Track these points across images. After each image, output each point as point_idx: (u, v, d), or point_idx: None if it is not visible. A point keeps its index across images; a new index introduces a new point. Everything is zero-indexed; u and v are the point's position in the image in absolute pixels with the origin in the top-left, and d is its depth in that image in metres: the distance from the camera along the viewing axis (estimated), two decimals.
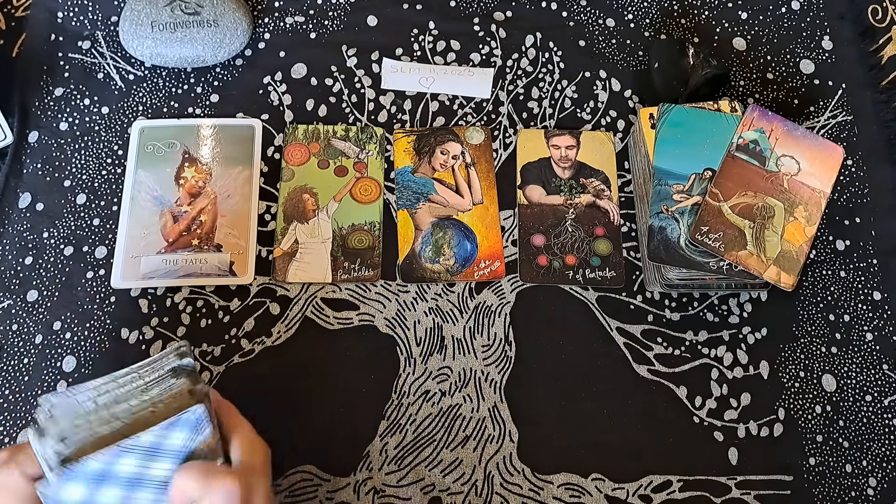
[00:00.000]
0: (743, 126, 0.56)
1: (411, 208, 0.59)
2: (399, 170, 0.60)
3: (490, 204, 0.60)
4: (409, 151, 0.61)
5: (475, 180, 0.60)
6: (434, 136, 0.61)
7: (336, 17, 0.66)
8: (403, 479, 0.52)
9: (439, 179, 0.60)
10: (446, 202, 0.60)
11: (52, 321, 0.56)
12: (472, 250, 0.58)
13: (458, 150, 0.61)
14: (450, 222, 0.59)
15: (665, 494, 0.52)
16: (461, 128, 0.62)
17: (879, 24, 0.67)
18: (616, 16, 0.67)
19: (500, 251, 0.58)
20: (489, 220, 0.59)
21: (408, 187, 0.60)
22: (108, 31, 0.65)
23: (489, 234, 0.59)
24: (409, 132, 0.61)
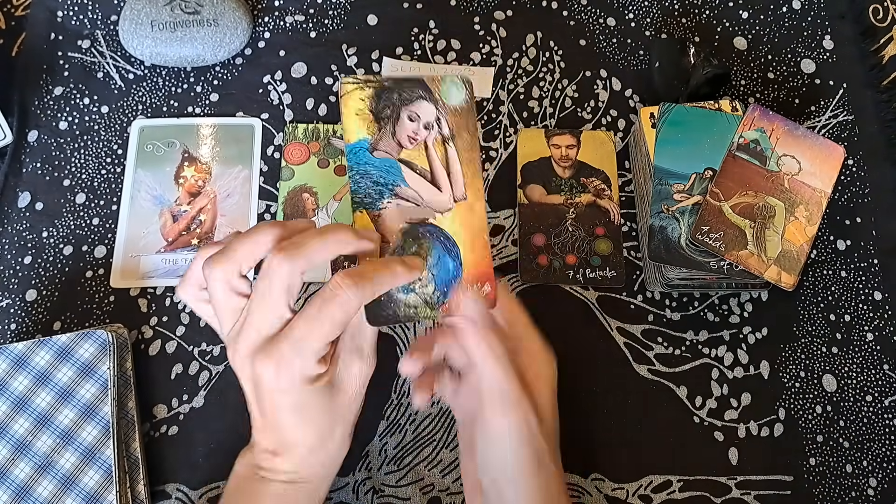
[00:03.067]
0: (744, 125, 0.56)
1: (373, 208, 0.40)
2: (351, 145, 0.40)
3: (475, 201, 0.42)
4: (363, 115, 0.41)
5: (455, 163, 0.42)
6: (399, 92, 0.41)
7: (336, 17, 0.66)
8: (403, 479, 0.52)
9: (408, 162, 0.41)
10: (420, 199, 0.41)
11: (51, 321, 0.55)
12: (456, 270, 0.41)
13: (433, 115, 0.41)
14: (426, 229, 0.41)
15: (665, 494, 0.52)
16: (434, 79, 0.42)
17: (880, 23, 0.67)
18: (617, 15, 0.67)
19: (488, 270, 0.41)
20: (476, 224, 0.42)
21: (366, 174, 0.41)
22: (108, 30, 0.65)
23: (475, 245, 0.41)
24: (363, 82, 0.41)
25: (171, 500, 0.51)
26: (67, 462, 0.47)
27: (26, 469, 0.47)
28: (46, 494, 0.47)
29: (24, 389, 0.49)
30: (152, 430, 0.53)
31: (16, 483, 0.47)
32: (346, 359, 0.40)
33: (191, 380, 0.54)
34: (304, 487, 0.41)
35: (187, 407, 0.54)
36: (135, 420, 0.51)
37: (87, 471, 0.47)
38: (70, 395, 0.49)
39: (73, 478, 0.47)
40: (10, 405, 0.48)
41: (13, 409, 0.48)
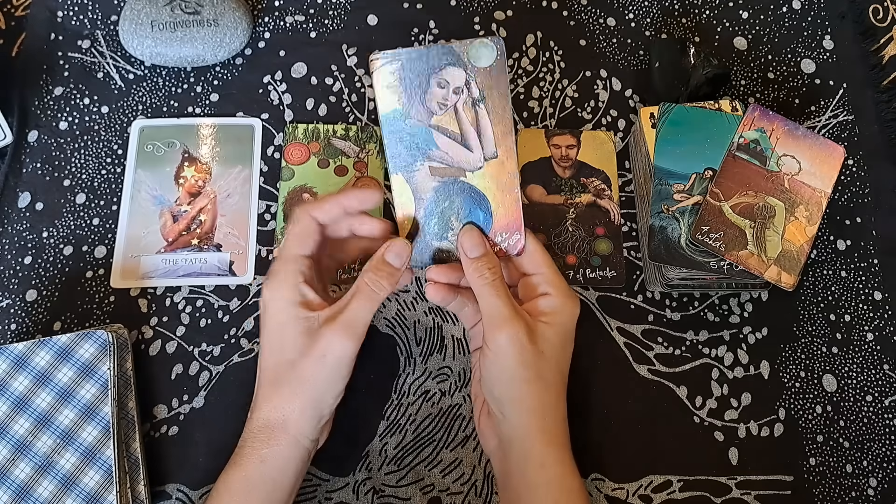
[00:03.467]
0: (744, 125, 0.56)
1: (407, 171, 0.45)
2: (386, 114, 0.44)
3: (506, 157, 0.45)
4: (393, 87, 0.44)
5: (486, 124, 0.45)
6: (427, 61, 0.43)
7: (336, 17, 0.66)
8: (403, 479, 0.52)
9: (439, 127, 0.45)
10: (451, 160, 0.45)
11: (51, 321, 0.55)
12: (486, 220, 0.47)
13: (462, 80, 0.44)
14: (457, 187, 0.46)
15: (665, 494, 0.52)
16: (463, 43, 0.43)
17: (880, 23, 0.67)
18: (617, 15, 0.67)
19: (518, 220, 0.47)
20: (505, 179, 0.46)
21: (400, 141, 0.45)
22: (108, 30, 0.65)
23: (505, 199, 0.46)
24: (391, 57, 0.43)
25: (171, 500, 0.51)
26: (68, 462, 0.47)
27: (26, 469, 0.47)
28: (47, 495, 0.47)
29: (24, 390, 0.49)
30: (152, 431, 0.53)
31: (16, 483, 0.47)
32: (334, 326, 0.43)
33: (191, 380, 0.54)
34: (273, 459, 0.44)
35: (187, 407, 0.54)
36: (135, 420, 0.51)
37: (87, 471, 0.47)
38: (70, 396, 0.49)
39: (73, 478, 0.47)
40: (11, 405, 0.48)
41: (13, 409, 0.48)
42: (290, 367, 0.43)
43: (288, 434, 0.44)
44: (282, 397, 0.44)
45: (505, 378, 0.45)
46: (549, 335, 0.45)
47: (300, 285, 0.44)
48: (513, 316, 0.44)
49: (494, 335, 0.44)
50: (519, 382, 0.44)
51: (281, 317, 0.44)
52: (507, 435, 0.46)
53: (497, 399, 0.46)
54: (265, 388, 0.45)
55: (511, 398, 0.45)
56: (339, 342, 0.43)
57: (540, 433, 0.45)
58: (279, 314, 0.44)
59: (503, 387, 0.45)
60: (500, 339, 0.44)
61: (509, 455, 0.46)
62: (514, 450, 0.45)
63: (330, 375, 0.43)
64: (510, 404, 0.45)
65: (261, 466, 0.44)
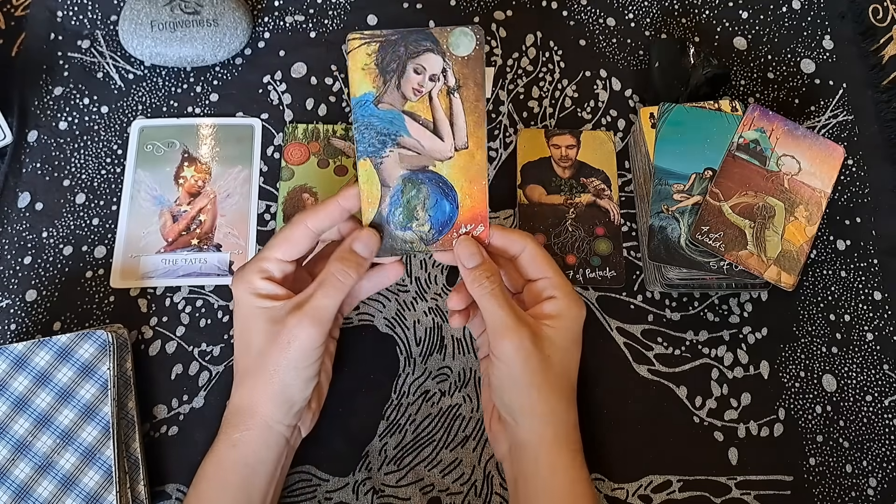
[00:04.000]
0: (743, 125, 0.56)
1: (376, 157, 0.44)
2: (357, 98, 0.43)
3: (476, 149, 0.45)
4: (369, 69, 0.43)
5: (459, 113, 0.44)
6: (405, 45, 0.43)
7: (336, 17, 0.66)
8: (403, 479, 0.52)
9: (411, 113, 0.44)
10: (421, 148, 0.44)
11: (51, 321, 0.55)
12: (452, 212, 0.46)
13: (439, 67, 0.43)
14: (425, 176, 0.45)
15: (665, 494, 0.52)
16: (443, 30, 0.43)
17: (880, 23, 0.67)
18: (616, 15, 0.67)
19: (484, 212, 0.46)
20: (474, 171, 0.45)
21: (370, 126, 0.44)
22: (108, 30, 0.65)
23: (473, 191, 0.46)
24: (369, 38, 0.42)
25: (171, 500, 0.51)
26: (67, 462, 0.47)
27: (26, 469, 0.47)
28: (46, 495, 0.47)
29: (24, 390, 0.49)
30: (152, 431, 0.53)
31: (16, 483, 0.47)
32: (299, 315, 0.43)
33: (191, 380, 0.54)
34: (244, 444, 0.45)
35: (187, 407, 0.54)
36: (135, 420, 0.51)
37: (87, 471, 0.47)
38: (70, 396, 0.49)
39: (73, 478, 0.47)
40: (10, 405, 0.48)
41: (13, 409, 0.48)
42: (258, 356, 0.44)
43: (258, 419, 0.45)
44: (251, 385, 0.45)
45: (513, 385, 0.45)
46: (555, 339, 0.45)
47: (260, 281, 0.45)
48: (516, 323, 0.44)
49: (499, 344, 0.44)
50: (527, 389, 0.44)
51: (244, 310, 0.45)
52: (519, 440, 0.46)
53: (507, 406, 0.46)
54: (238, 377, 0.46)
55: (521, 405, 0.45)
56: (305, 330, 0.43)
57: (551, 438, 0.45)
58: (243, 307, 0.46)
59: (512, 394, 0.45)
60: (506, 347, 0.44)
61: (521, 460, 0.46)
62: (525, 455, 0.45)
63: (295, 363, 0.44)
64: (520, 411, 0.45)
65: (232, 451, 0.45)
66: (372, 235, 0.45)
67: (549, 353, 0.44)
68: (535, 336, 0.44)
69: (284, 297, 0.45)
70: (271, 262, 0.46)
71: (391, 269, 0.49)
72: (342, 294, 0.44)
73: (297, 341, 0.43)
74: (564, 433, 0.46)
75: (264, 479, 0.45)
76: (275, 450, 0.46)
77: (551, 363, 0.45)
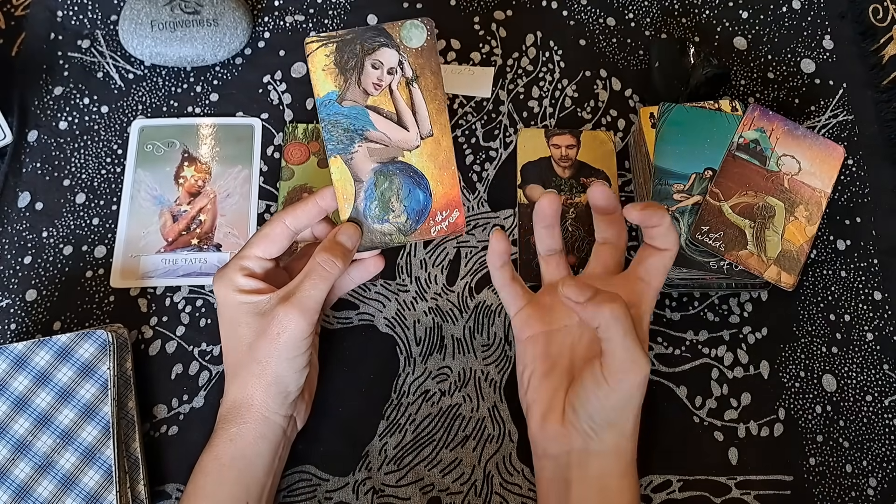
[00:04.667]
0: (743, 125, 0.56)
1: (345, 153, 0.46)
2: (321, 98, 0.45)
3: (441, 135, 0.46)
4: (329, 69, 0.45)
5: (420, 103, 0.46)
6: (361, 42, 0.45)
7: (336, 16, 0.66)
8: (402, 478, 0.52)
9: (374, 107, 0.46)
10: (388, 140, 0.46)
11: (51, 321, 0.55)
12: (426, 200, 0.47)
13: (395, 61, 0.45)
14: (395, 167, 0.46)
15: (665, 494, 0.52)
16: (394, 25, 0.45)
17: (880, 23, 0.67)
18: (616, 15, 0.67)
19: (457, 197, 0.47)
20: (442, 157, 0.47)
21: (336, 124, 0.45)
22: (108, 30, 0.65)
23: (443, 177, 0.47)
24: (325, 39, 0.44)
25: (171, 500, 0.51)
26: (67, 462, 0.47)
27: (26, 469, 0.47)
28: (46, 494, 0.47)
29: (24, 389, 0.49)
30: (152, 430, 0.53)
31: (16, 483, 0.47)
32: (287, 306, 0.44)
33: (191, 380, 0.54)
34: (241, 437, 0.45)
35: (187, 407, 0.54)
36: (135, 420, 0.51)
37: (87, 471, 0.47)
38: (70, 395, 0.49)
39: (73, 478, 0.47)
40: (10, 405, 0.48)
41: (13, 409, 0.48)
42: (248, 349, 0.45)
43: (254, 411, 0.45)
44: (244, 379, 0.45)
45: (615, 412, 0.45)
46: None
47: (242, 278, 0.46)
48: (643, 358, 0.43)
49: (621, 375, 0.43)
50: (628, 415, 0.45)
51: (229, 307, 0.46)
52: (593, 450, 0.45)
53: (595, 423, 0.45)
54: (230, 373, 0.47)
55: (613, 425, 0.45)
56: (294, 320, 0.44)
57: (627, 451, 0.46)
58: (227, 305, 0.46)
59: (609, 415, 0.45)
60: (628, 380, 0.43)
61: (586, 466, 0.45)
62: (594, 462, 0.45)
63: (286, 353, 0.44)
64: (611, 429, 0.45)
65: (230, 445, 0.45)
66: (355, 229, 0.46)
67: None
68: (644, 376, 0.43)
69: (267, 290, 0.46)
70: (251, 260, 0.46)
71: (371, 263, 0.50)
72: (328, 284, 0.45)
73: (286, 332, 0.44)
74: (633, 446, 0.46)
75: (262, 472, 0.46)
76: (272, 441, 0.46)
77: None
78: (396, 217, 0.47)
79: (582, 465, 0.46)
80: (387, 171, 0.46)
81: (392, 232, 0.47)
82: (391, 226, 0.47)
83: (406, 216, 0.47)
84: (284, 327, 0.44)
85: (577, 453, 0.46)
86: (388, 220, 0.47)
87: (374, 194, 0.46)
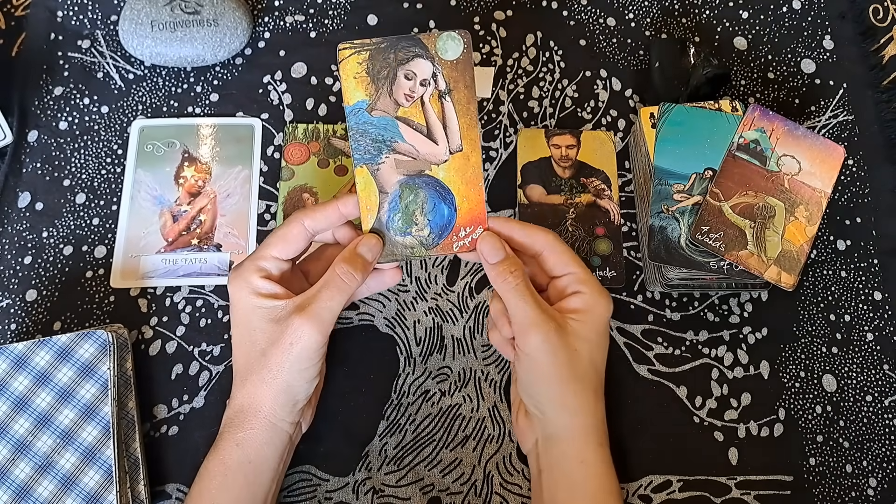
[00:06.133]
0: (744, 125, 0.56)
1: (372, 163, 0.45)
2: (351, 107, 0.44)
3: (471, 151, 0.45)
4: (361, 78, 0.44)
5: (451, 117, 0.45)
6: (395, 52, 0.43)
7: (336, 17, 0.66)
8: (403, 479, 0.52)
9: (404, 119, 0.45)
10: (416, 153, 0.45)
11: (51, 321, 0.56)
12: (451, 215, 0.46)
13: (429, 72, 0.44)
14: (422, 180, 0.45)
15: (665, 494, 0.52)
16: (430, 35, 0.44)
17: (881, 23, 0.67)
18: (617, 15, 0.67)
19: (482, 214, 0.46)
20: (470, 173, 0.46)
21: (365, 133, 0.44)
22: (108, 30, 0.65)
23: (470, 193, 0.46)
24: (359, 46, 0.43)
25: (171, 500, 0.51)
26: (67, 462, 0.47)
27: (26, 469, 0.47)
28: (46, 494, 0.47)
29: (24, 389, 0.49)
30: (152, 430, 0.53)
31: (16, 483, 0.47)
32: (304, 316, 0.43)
33: (191, 380, 0.54)
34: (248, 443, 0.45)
35: (187, 407, 0.54)
36: (135, 420, 0.51)
37: (87, 471, 0.47)
38: (70, 396, 0.49)
39: (73, 478, 0.47)
40: (11, 405, 0.48)
41: (13, 409, 0.48)
42: (261, 356, 0.44)
43: (262, 418, 0.45)
44: (254, 384, 0.45)
45: (541, 379, 0.45)
46: (581, 332, 0.45)
47: (260, 280, 0.45)
48: (542, 317, 0.44)
49: (526, 338, 0.44)
50: (556, 382, 0.45)
51: (245, 309, 0.45)
52: (548, 433, 0.46)
53: (535, 399, 0.46)
54: (239, 377, 0.46)
55: (549, 398, 0.46)
56: (308, 332, 0.43)
57: (581, 431, 0.46)
58: (243, 307, 0.45)
59: (540, 387, 0.46)
60: (532, 341, 0.44)
61: (549, 452, 0.46)
62: (553, 447, 0.46)
63: (298, 364, 0.44)
64: (549, 404, 0.46)
65: (237, 450, 0.45)
66: (377, 241, 0.46)
67: (576, 346, 0.45)
68: (561, 329, 0.44)
69: (284, 296, 0.45)
70: (269, 261, 0.46)
71: (388, 274, 0.49)
72: (346, 296, 0.44)
73: (300, 343, 0.43)
74: (593, 426, 0.46)
75: (268, 477, 0.45)
76: (279, 447, 0.46)
77: (579, 356, 0.45)
78: (419, 230, 0.46)
79: (546, 454, 0.46)
80: (413, 183, 0.45)
81: (414, 245, 0.46)
82: (414, 239, 0.46)
83: (429, 230, 0.46)
84: (298, 338, 0.43)
85: (541, 442, 0.47)
86: (410, 233, 0.46)
87: (399, 206, 0.46)
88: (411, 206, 0.46)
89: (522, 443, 0.50)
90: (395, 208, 0.46)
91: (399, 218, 0.46)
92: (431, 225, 0.46)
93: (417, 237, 0.46)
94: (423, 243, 0.46)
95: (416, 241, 0.46)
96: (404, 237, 0.46)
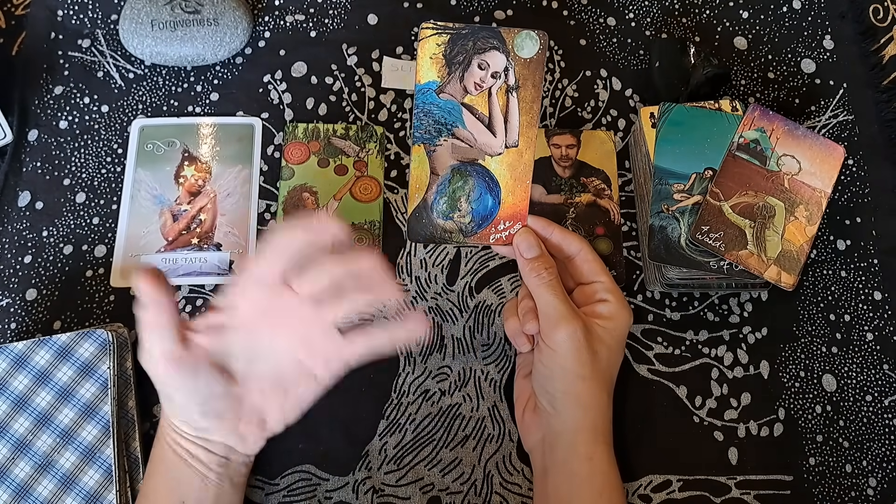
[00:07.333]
0: (744, 125, 0.56)
1: (431, 143, 0.46)
2: (421, 85, 0.45)
3: (526, 149, 0.47)
4: (437, 59, 0.45)
5: (514, 112, 0.46)
6: (474, 40, 0.45)
7: (336, 16, 0.66)
8: (402, 478, 0.52)
9: (469, 106, 0.46)
10: (474, 141, 0.46)
11: (51, 320, 0.55)
12: (493, 207, 0.48)
13: (502, 65, 0.45)
14: (473, 168, 0.47)
15: (665, 494, 0.52)
16: (510, 31, 0.45)
17: (881, 23, 0.67)
18: (617, 15, 0.67)
19: (524, 212, 0.48)
20: (520, 169, 0.47)
21: (429, 113, 0.46)
22: (108, 29, 0.65)
23: (516, 189, 0.48)
24: (441, 28, 0.45)
25: None
26: (67, 461, 0.47)
27: (26, 468, 0.47)
28: (46, 494, 0.47)
29: (24, 389, 0.49)
30: (152, 430, 0.53)
31: (16, 482, 0.47)
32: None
33: None
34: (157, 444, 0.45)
35: None
36: (135, 419, 0.51)
37: (87, 470, 0.47)
38: (70, 395, 0.49)
39: (73, 477, 0.47)
40: (10, 404, 0.48)
41: (13, 408, 0.48)
42: None
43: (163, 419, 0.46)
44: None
45: (562, 373, 0.46)
46: (604, 337, 0.47)
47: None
48: (572, 314, 0.46)
49: (553, 332, 0.46)
50: (574, 378, 0.46)
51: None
52: (556, 429, 0.47)
53: (550, 394, 0.47)
54: None
55: (565, 393, 0.47)
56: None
57: (590, 429, 0.47)
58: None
59: (558, 382, 0.47)
60: (560, 335, 0.45)
61: (555, 448, 0.47)
62: (560, 443, 0.47)
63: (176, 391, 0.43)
64: (563, 399, 0.47)
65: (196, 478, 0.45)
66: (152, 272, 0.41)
67: (597, 348, 0.46)
68: (587, 329, 0.46)
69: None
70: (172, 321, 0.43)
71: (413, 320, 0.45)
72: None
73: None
74: (602, 425, 0.47)
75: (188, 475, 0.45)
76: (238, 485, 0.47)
77: (598, 358, 0.46)
78: (461, 217, 0.48)
79: (552, 450, 0.47)
80: (464, 170, 0.47)
81: (453, 230, 0.48)
82: (454, 224, 0.48)
83: (471, 217, 0.48)
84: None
85: (547, 438, 0.48)
86: (452, 217, 0.48)
87: (447, 190, 0.47)
88: (458, 191, 0.47)
89: (526, 439, 0.51)
90: (442, 191, 0.47)
91: (444, 201, 0.48)
92: (474, 213, 0.48)
93: (458, 223, 0.48)
94: (462, 230, 0.48)
95: (457, 226, 0.48)
96: (445, 220, 0.48)
